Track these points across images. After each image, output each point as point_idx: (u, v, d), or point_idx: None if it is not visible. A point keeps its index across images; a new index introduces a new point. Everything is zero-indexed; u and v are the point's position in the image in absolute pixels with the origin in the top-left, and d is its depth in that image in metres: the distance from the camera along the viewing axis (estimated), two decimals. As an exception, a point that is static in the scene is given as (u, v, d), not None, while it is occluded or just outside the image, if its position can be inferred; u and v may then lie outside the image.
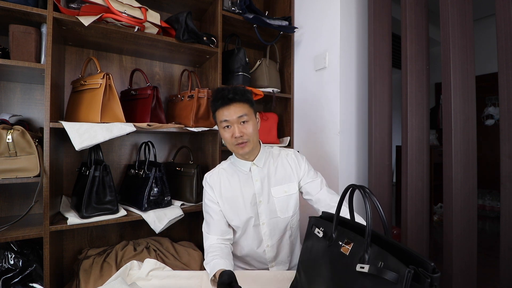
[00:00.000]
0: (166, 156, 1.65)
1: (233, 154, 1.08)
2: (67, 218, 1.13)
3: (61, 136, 1.26)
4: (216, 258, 0.90)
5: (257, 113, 1.06)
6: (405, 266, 0.48)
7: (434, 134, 3.56)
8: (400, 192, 1.38)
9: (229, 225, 1.05)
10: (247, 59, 1.57)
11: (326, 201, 1.03)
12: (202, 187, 1.45)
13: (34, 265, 1.10)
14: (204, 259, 0.95)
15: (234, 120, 0.97)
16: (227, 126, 0.98)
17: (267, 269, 1.06)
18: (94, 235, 1.43)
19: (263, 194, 1.04)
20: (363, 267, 0.53)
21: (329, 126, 1.50)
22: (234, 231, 1.06)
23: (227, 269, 0.81)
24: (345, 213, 0.76)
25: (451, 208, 1.12)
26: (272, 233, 1.04)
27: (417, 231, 1.28)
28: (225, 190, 1.04)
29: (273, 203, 1.04)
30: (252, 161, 1.04)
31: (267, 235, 1.04)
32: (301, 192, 1.11)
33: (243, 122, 0.98)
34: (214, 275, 0.85)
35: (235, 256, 1.09)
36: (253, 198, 1.03)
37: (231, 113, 0.96)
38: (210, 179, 1.06)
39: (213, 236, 1.01)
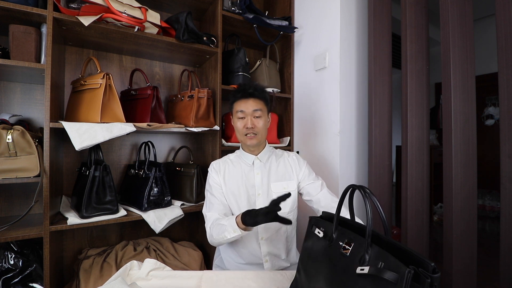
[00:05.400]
0: (166, 156, 1.65)
1: (240, 147, 1.16)
2: (67, 218, 1.13)
3: (61, 136, 1.26)
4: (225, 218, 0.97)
5: (270, 113, 1.13)
6: (405, 266, 0.48)
7: (434, 134, 3.56)
8: (400, 192, 1.38)
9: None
10: (247, 59, 1.57)
11: (326, 201, 1.05)
12: (203, 187, 1.46)
13: (34, 265, 1.10)
14: (203, 259, 0.95)
15: (249, 113, 1.05)
16: (242, 117, 1.07)
17: (261, 264, 1.07)
18: (94, 235, 1.43)
19: (262, 187, 1.08)
20: (363, 269, 0.53)
21: (329, 126, 1.50)
22: None
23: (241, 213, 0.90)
24: (344, 213, 0.77)
25: (451, 208, 1.12)
26: (267, 226, 1.06)
27: (417, 231, 1.28)
28: (229, 178, 1.10)
29: (272, 198, 1.05)
30: (257, 155, 1.11)
31: (262, 228, 1.06)
32: (301, 194, 1.13)
33: (256, 116, 1.06)
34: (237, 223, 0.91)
35: (228, 247, 1.10)
36: (252, 190, 1.09)
37: (248, 106, 1.06)
38: (216, 165, 1.13)
39: (215, 213, 1.04)
